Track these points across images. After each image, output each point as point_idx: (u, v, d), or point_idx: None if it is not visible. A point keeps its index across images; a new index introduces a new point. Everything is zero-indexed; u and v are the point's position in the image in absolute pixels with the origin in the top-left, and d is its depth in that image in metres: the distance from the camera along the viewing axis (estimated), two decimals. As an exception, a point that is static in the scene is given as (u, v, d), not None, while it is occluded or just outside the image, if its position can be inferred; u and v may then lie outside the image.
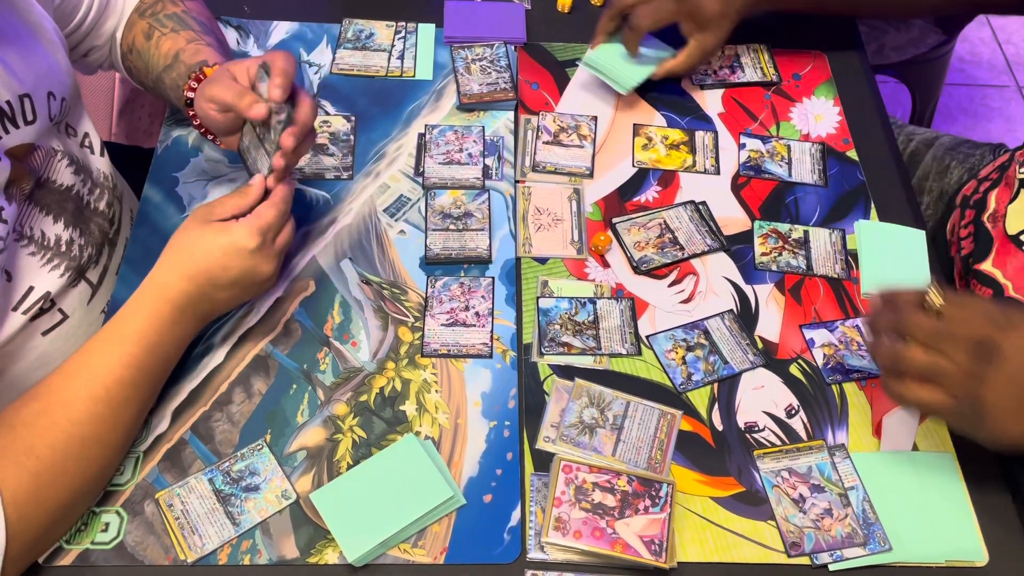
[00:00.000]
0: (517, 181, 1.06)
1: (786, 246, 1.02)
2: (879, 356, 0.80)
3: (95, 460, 0.76)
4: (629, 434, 0.86)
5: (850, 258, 1.01)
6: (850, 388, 0.91)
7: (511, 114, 1.13)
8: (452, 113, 1.12)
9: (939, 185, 1.20)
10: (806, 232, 1.03)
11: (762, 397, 0.90)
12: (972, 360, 0.72)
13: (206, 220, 0.82)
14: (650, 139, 1.12)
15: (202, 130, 0.98)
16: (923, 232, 1.03)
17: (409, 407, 0.87)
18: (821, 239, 1.02)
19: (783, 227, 1.03)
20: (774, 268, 1.00)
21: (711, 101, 1.16)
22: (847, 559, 0.79)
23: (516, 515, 0.81)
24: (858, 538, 0.81)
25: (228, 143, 0.95)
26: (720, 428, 0.88)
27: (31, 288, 0.87)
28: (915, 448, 0.87)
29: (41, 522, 0.73)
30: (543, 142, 1.10)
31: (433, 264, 0.98)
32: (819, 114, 1.16)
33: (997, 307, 0.75)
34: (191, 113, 0.96)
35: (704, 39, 1.09)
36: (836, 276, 0.99)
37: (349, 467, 0.83)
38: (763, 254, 1.01)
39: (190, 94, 0.95)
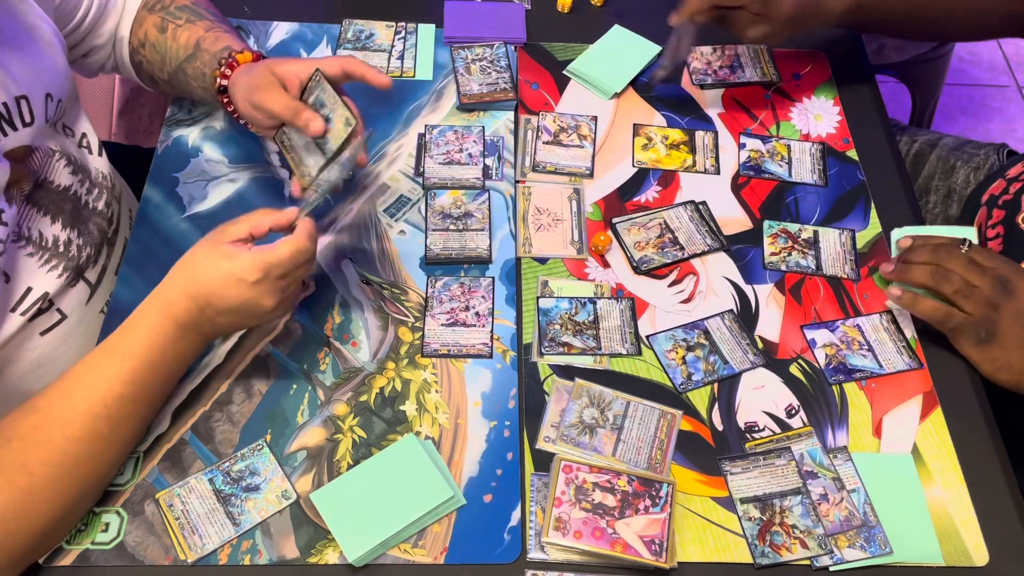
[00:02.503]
0: (517, 181, 1.06)
1: (795, 246, 1.02)
2: (916, 273, 0.92)
3: (90, 476, 0.76)
4: (629, 434, 0.86)
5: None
6: (850, 388, 0.91)
7: (511, 114, 1.13)
8: (452, 113, 1.12)
9: (946, 184, 1.20)
10: (816, 232, 1.03)
11: (762, 397, 0.90)
12: (993, 289, 0.88)
13: (218, 241, 0.80)
14: (650, 139, 1.12)
15: (235, 115, 1.00)
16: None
17: (409, 407, 0.87)
18: (831, 239, 1.02)
19: (793, 227, 1.03)
20: (783, 268, 1.00)
21: (711, 101, 1.16)
22: (848, 561, 0.79)
23: (516, 515, 0.81)
24: (856, 520, 0.81)
25: (260, 132, 0.97)
26: (720, 428, 0.88)
27: (29, 289, 0.87)
28: (915, 448, 0.87)
29: (30, 537, 0.72)
30: (543, 142, 1.10)
31: (433, 264, 0.98)
32: (819, 114, 1.16)
33: (1012, 262, 0.92)
34: (224, 99, 0.98)
35: (757, 31, 1.03)
36: (846, 276, 0.99)
37: (349, 467, 0.83)
38: (772, 254, 1.01)
39: (224, 81, 0.96)
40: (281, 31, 1.20)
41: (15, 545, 0.71)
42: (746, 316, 0.96)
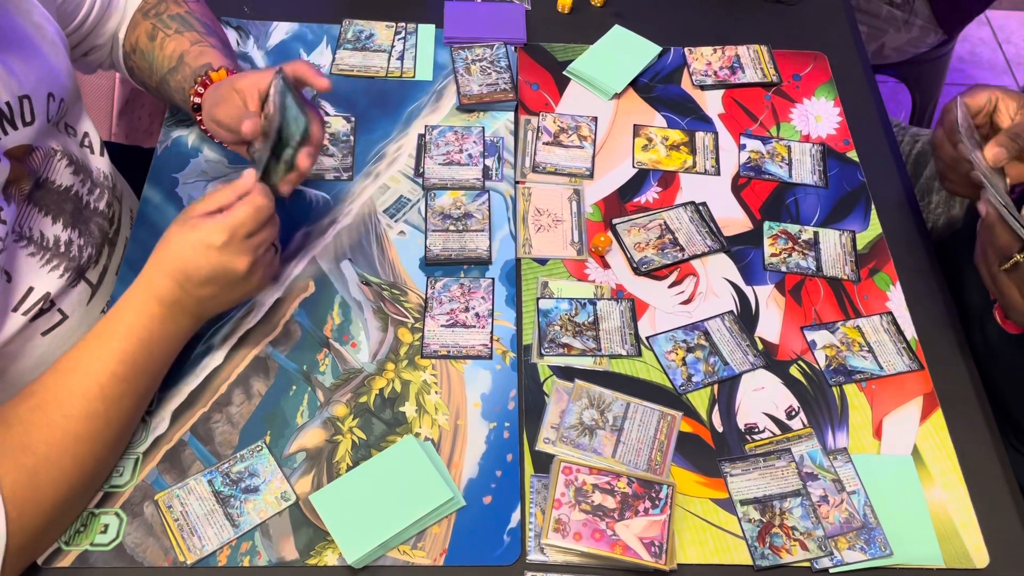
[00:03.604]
0: (517, 182, 1.06)
1: (796, 247, 1.01)
2: None
3: (91, 456, 0.76)
4: (629, 435, 0.86)
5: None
6: (850, 389, 0.91)
7: (511, 115, 1.12)
8: (452, 114, 1.12)
9: None
10: (816, 233, 1.03)
11: (762, 398, 0.90)
12: None
13: (186, 217, 0.82)
14: (650, 140, 1.11)
15: (209, 134, 1.00)
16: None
17: (409, 408, 0.87)
18: (831, 240, 1.02)
19: (793, 228, 1.03)
20: (783, 269, 1.00)
21: (711, 102, 1.16)
22: (848, 563, 0.79)
23: (516, 517, 0.81)
24: (856, 522, 0.81)
25: (236, 148, 0.97)
26: (720, 430, 0.88)
27: (31, 289, 0.87)
28: (915, 450, 0.87)
29: (39, 519, 0.73)
30: (543, 143, 1.10)
31: (433, 265, 0.98)
32: (819, 115, 1.16)
33: None
34: (199, 117, 0.98)
35: None
36: (846, 278, 0.99)
37: (349, 468, 0.83)
38: (772, 255, 1.01)
39: (197, 99, 0.96)
40: (281, 31, 1.20)
41: (27, 527, 0.72)
42: (746, 317, 0.96)
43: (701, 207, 1.05)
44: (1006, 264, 0.80)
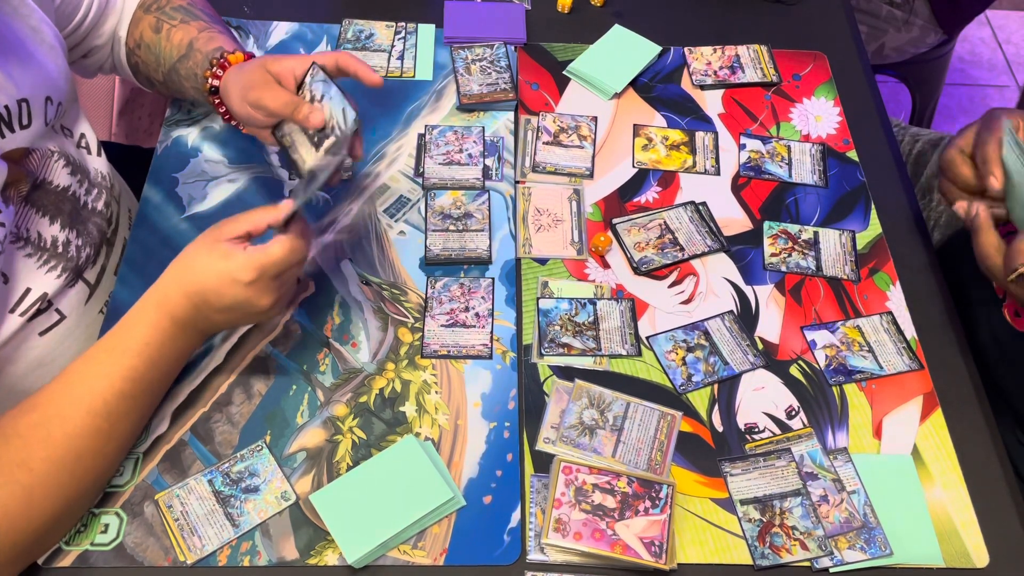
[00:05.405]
0: (517, 182, 1.06)
1: (795, 247, 1.01)
2: None
3: (90, 472, 0.76)
4: (629, 435, 0.86)
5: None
6: (850, 389, 0.91)
7: (511, 114, 1.12)
8: (452, 113, 1.12)
9: None
10: (816, 233, 1.03)
11: (762, 398, 0.90)
12: None
13: (216, 239, 0.79)
14: (650, 139, 1.11)
15: (226, 117, 0.99)
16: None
17: (409, 408, 0.87)
18: (831, 240, 1.02)
19: (793, 228, 1.03)
20: (783, 269, 1.00)
21: (711, 101, 1.16)
22: (848, 563, 0.79)
23: (516, 516, 0.81)
24: (856, 521, 0.81)
25: (255, 133, 0.95)
26: (720, 429, 0.88)
27: (28, 290, 0.87)
28: (915, 449, 0.87)
29: (31, 534, 0.72)
30: (543, 142, 1.10)
31: (433, 265, 0.98)
32: (819, 115, 1.16)
33: None
34: (216, 101, 0.97)
35: None
36: (846, 277, 0.99)
37: (349, 468, 0.83)
38: (772, 255, 1.01)
39: (215, 82, 0.95)
40: (281, 31, 1.20)
41: (16, 542, 0.71)
42: (746, 317, 0.96)
43: (701, 207, 1.05)
44: (1012, 276, 0.81)
